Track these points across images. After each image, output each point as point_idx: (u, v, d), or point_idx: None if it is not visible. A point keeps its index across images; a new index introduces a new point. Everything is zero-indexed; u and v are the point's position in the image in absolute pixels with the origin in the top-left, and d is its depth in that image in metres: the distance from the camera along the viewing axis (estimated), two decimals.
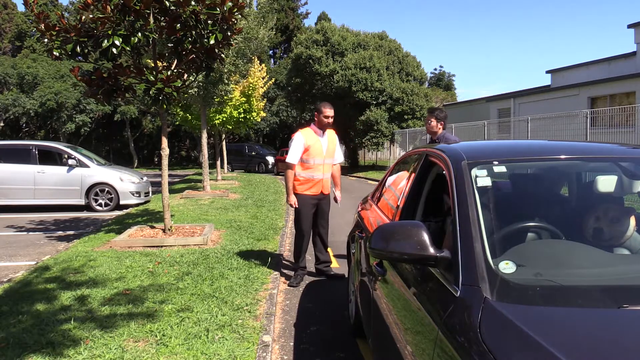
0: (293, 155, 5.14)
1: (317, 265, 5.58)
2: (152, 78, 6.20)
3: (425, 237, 1.78)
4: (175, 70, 6.49)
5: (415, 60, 30.07)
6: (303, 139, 5.15)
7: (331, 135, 5.36)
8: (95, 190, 11.33)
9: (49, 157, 11.59)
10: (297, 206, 5.19)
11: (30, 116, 33.41)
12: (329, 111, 5.19)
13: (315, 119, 5.26)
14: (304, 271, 5.44)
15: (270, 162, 27.40)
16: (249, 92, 17.42)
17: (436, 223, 2.91)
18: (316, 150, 5.16)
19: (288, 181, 5.20)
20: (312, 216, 5.31)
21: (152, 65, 6.87)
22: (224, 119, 17.28)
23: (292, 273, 5.52)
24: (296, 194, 5.22)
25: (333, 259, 6.44)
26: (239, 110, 17.58)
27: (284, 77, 34.05)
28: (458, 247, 1.75)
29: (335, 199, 5.49)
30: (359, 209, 4.22)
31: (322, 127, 5.22)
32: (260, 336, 3.61)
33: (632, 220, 2.05)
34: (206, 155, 14.18)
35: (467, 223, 1.82)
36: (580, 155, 2.43)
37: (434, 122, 5.41)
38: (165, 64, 6.78)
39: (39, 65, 34.44)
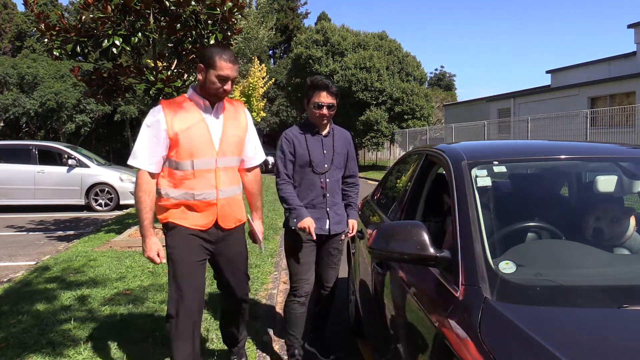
0: (141, 153, 2.47)
1: None
2: (152, 78, 6.21)
3: (425, 237, 1.78)
4: (175, 70, 6.50)
5: (415, 60, 30.08)
6: (164, 119, 2.47)
7: (233, 111, 2.71)
8: (95, 190, 11.32)
9: (49, 157, 11.59)
10: (158, 260, 2.50)
11: (30, 116, 33.38)
12: (227, 66, 2.50)
13: (199, 74, 2.55)
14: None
15: (270, 162, 27.39)
16: (249, 92, 17.43)
17: (436, 223, 2.92)
18: (197, 141, 2.53)
19: (139, 206, 2.48)
20: (200, 270, 2.62)
21: (152, 65, 6.88)
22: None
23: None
24: (168, 226, 2.57)
25: None
26: None
27: (284, 77, 34.05)
28: (458, 247, 1.75)
29: (254, 237, 2.90)
30: (359, 209, 4.22)
31: (211, 96, 2.57)
32: (260, 336, 3.61)
33: (632, 220, 2.05)
34: None
35: (467, 223, 1.82)
36: (580, 155, 2.43)
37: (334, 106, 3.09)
38: (165, 64, 6.78)
39: (39, 65, 34.41)
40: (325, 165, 3.10)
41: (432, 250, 1.76)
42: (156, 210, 2.58)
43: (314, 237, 2.95)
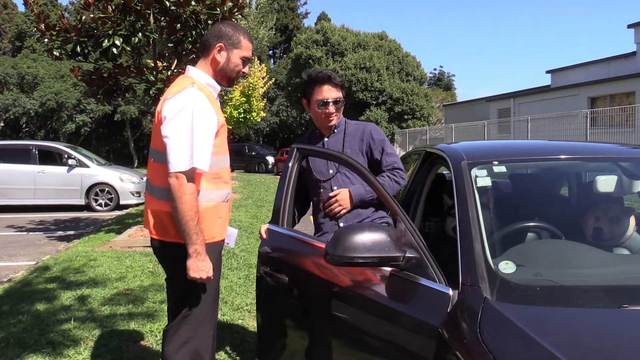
0: (201, 152, 2.01)
1: None
2: (152, 78, 6.21)
3: (386, 237, 1.72)
4: (175, 70, 6.50)
5: (415, 60, 30.13)
6: (212, 108, 2.13)
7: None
8: (95, 190, 11.33)
9: (49, 157, 11.61)
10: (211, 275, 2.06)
11: (30, 116, 33.39)
12: (250, 47, 2.27)
13: (216, 55, 2.18)
14: None
15: (270, 162, 27.40)
16: (249, 92, 17.44)
17: (436, 223, 2.92)
18: (224, 137, 2.28)
19: (195, 216, 1.99)
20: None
21: (152, 65, 6.88)
22: (224, 118, 17.34)
23: None
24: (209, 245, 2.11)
25: None
26: (239, 110, 17.60)
27: (284, 77, 34.05)
28: (458, 247, 1.75)
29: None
30: None
31: (228, 81, 2.30)
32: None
33: (632, 220, 2.05)
34: None
35: (467, 223, 1.82)
36: (580, 155, 2.43)
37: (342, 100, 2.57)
38: (165, 64, 6.78)
39: (39, 65, 34.43)
40: (330, 171, 2.51)
41: (396, 251, 1.70)
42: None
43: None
